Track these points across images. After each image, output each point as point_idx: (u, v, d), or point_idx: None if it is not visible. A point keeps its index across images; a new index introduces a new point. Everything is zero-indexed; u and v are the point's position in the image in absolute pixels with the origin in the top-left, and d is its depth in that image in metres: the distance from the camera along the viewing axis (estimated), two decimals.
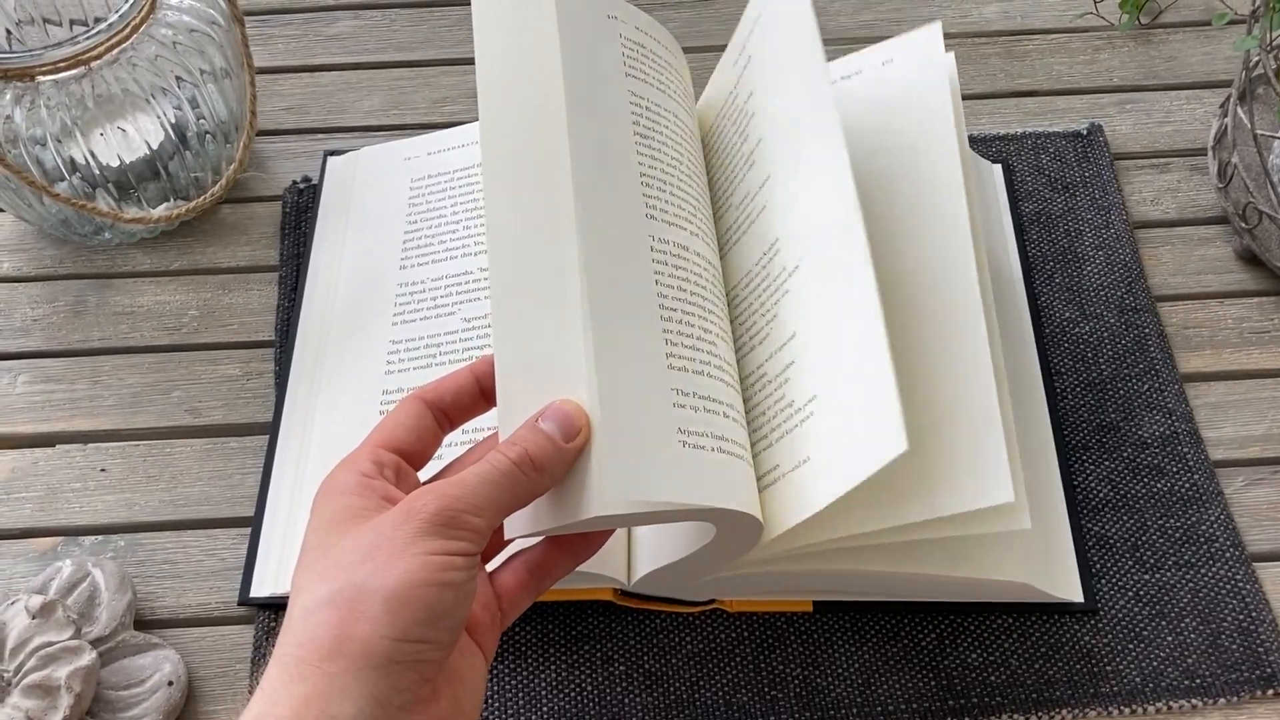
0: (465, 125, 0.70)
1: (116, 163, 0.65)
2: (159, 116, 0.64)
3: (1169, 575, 0.56)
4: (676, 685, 0.54)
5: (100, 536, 0.59)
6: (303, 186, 0.71)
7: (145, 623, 0.57)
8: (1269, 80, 0.62)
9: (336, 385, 0.61)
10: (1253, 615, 0.55)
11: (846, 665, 0.54)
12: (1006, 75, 0.76)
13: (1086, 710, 0.53)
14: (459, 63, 0.77)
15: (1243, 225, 0.65)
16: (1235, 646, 0.54)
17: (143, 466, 0.61)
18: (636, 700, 0.54)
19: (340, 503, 0.40)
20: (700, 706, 0.53)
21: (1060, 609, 0.55)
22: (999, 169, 0.69)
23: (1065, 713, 0.53)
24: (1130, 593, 0.56)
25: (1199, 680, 0.53)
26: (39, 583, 0.55)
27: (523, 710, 0.53)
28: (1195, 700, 0.53)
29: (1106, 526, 0.58)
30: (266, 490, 0.59)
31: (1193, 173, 0.71)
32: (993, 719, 0.53)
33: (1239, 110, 0.64)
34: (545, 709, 0.54)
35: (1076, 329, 0.64)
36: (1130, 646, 0.54)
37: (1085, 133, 0.72)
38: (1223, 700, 0.53)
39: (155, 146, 0.66)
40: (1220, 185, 0.67)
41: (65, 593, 0.55)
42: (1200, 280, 0.67)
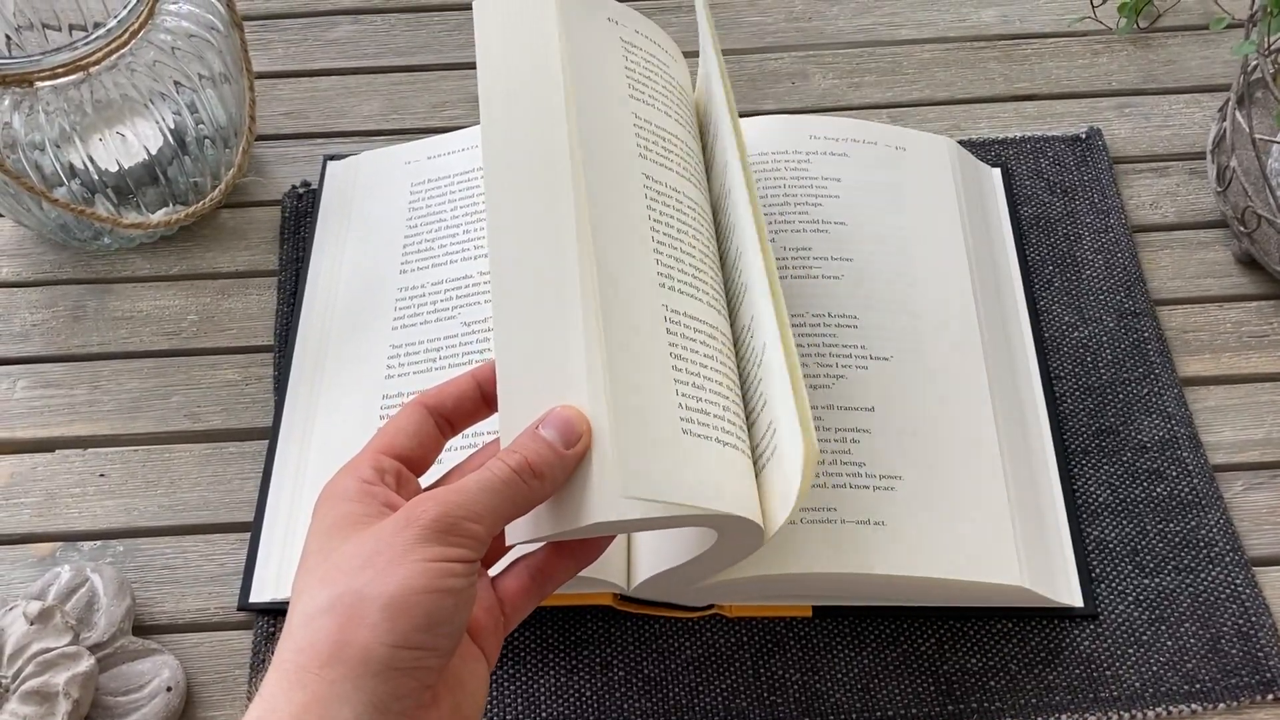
0: (465, 129, 0.70)
1: (115, 168, 0.65)
2: (158, 122, 0.64)
3: (1169, 580, 0.56)
4: (676, 690, 0.54)
5: (99, 542, 0.59)
6: (302, 191, 0.71)
7: (144, 628, 0.56)
8: (1267, 84, 0.62)
9: (337, 389, 0.61)
10: (1252, 620, 0.55)
11: (846, 670, 0.54)
12: (1005, 79, 0.76)
13: (1086, 715, 0.53)
14: (458, 67, 0.77)
15: (1241, 229, 0.65)
16: (1235, 651, 0.54)
17: (142, 472, 0.61)
18: (636, 705, 0.54)
19: (341, 509, 0.40)
20: (699, 712, 0.53)
21: (1060, 614, 0.55)
22: (998, 173, 0.69)
23: (1065, 718, 0.53)
24: (1130, 597, 0.56)
25: (1199, 685, 0.53)
26: (37, 588, 0.55)
27: (522, 715, 0.53)
28: (1195, 705, 0.53)
29: (1106, 531, 0.58)
30: (266, 495, 0.59)
31: (1191, 176, 0.71)
32: None
33: (1237, 114, 0.64)
34: (544, 714, 0.53)
35: (1075, 333, 0.64)
36: (1130, 651, 0.54)
37: (1084, 137, 0.72)
38: (1222, 705, 0.53)
39: (154, 152, 0.66)
40: (1219, 189, 0.67)
41: (64, 598, 0.54)
42: (1199, 284, 0.67)
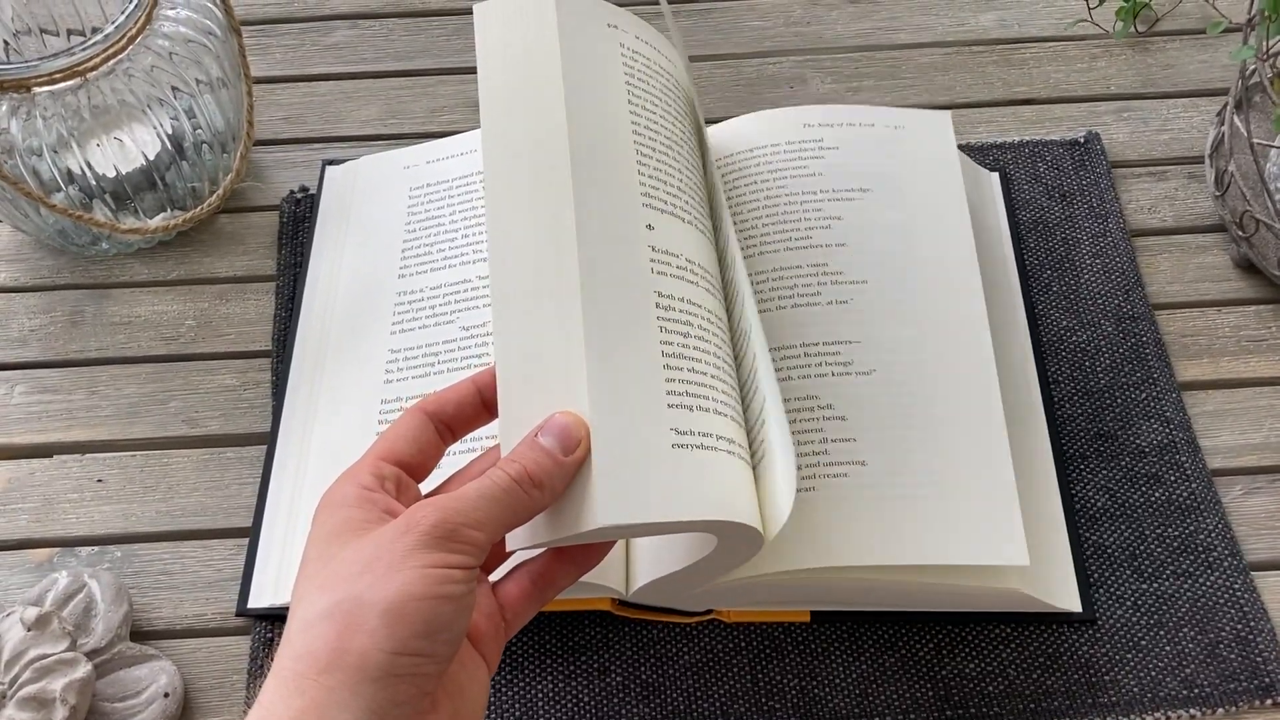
0: (463, 134, 0.70)
1: (113, 173, 0.65)
2: (156, 127, 0.64)
3: (1167, 585, 0.56)
4: (674, 696, 0.54)
5: (97, 547, 0.59)
6: (300, 196, 0.71)
7: (141, 634, 0.56)
8: (1265, 89, 0.62)
9: (335, 394, 0.61)
10: (1251, 625, 0.55)
11: (844, 675, 0.54)
12: (1003, 83, 0.76)
13: None
14: (456, 72, 0.77)
15: (1240, 233, 0.65)
16: (1233, 656, 0.54)
17: (139, 477, 0.61)
18: (633, 711, 0.53)
19: (341, 515, 0.40)
20: (697, 717, 0.53)
21: (1058, 619, 0.55)
22: (996, 177, 0.69)
23: None
24: (1128, 602, 0.56)
25: (1197, 690, 0.53)
26: (35, 594, 0.55)
27: None
28: (1194, 710, 0.53)
29: (1104, 536, 0.57)
30: (264, 500, 0.59)
31: (1190, 181, 0.71)
32: None
33: (1235, 119, 0.64)
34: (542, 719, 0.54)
35: (1074, 337, 0.64)
36: (1128, 656, 0.54)
37: (1082, 141, 0.72)
38: (1221, 710, 0.53)
39: (152, 157, 0.66)
40: (1217, 193, 0.67)
41: (61, 604, 0.54)
42: (1197, 288, 0.67)
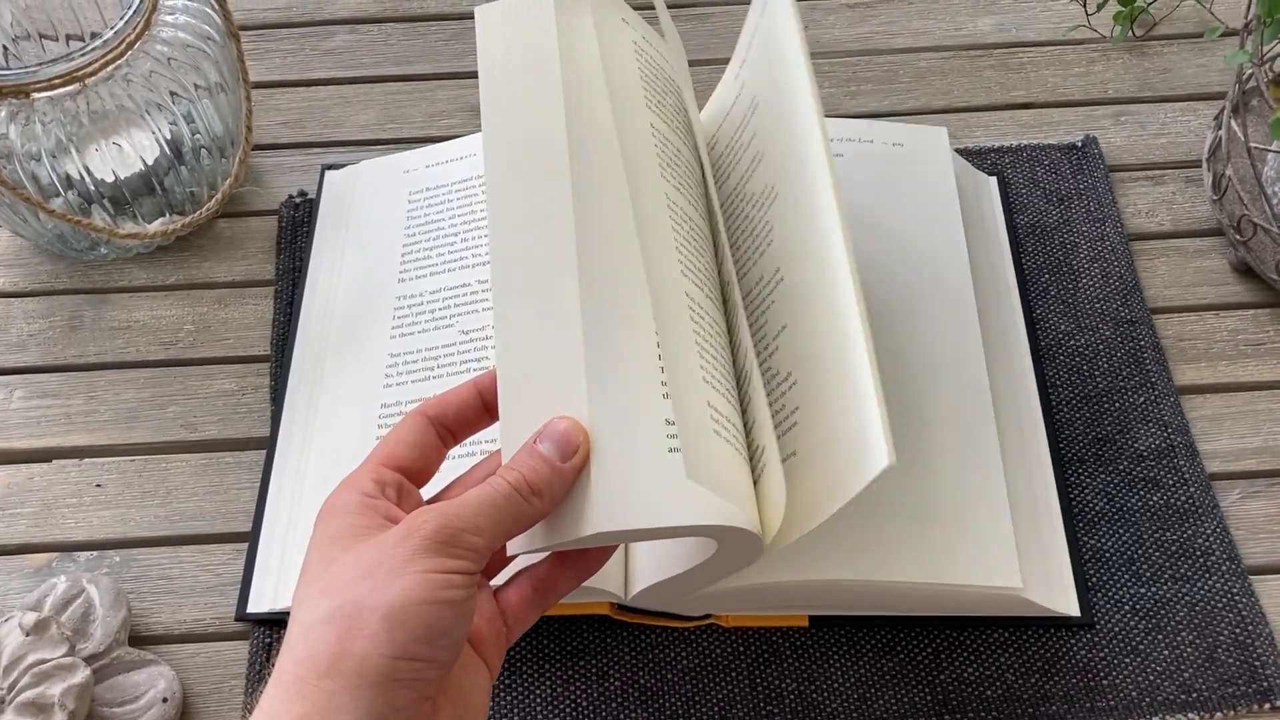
0: (463, 138, 0.70)
1: (112, 178, 0.65)
2: (154, 132, 0.64)
3: (1165, 589, 0.56)
4: (672, 701, 0.54)
5: (95, 552, 0.59)
6: (299, 201, 0.71)
7: (140, 639, 0.56)
8: (1262, 93, 0.62)
9: (335, 398, 0.61)
10: (1249, 629, 0.55)
11: (842, 680, 0.54)
12: (1001, 87, 0.76)
13: None
14: (455, 76, 0.78)
15: (1237, 237, 0.65)
16: (1232, 660, 0.54)
17: (138, 482, 0.61)
18: (632, 716, 0.53)
19: (343, 521, 0.40)
20: None
21: (1056, 623, 0.55)
22: (994, 181, 0.69)
23: None
24: (1126, 606, 0.56)
25: (1195, 694, 0.53)
26: (33, 599, 0.55)
27: None
28: (1192, 714, 0.53)
29: (1103, 540, 0.58)
30: (264, 505, 0.59)
31: (1187, 185, 0.71)
32: None
33: (1233, 123, 0.64)
34: None
35: (1072, 341, 0.64)
36: (1127, 661, 0.54)
37: (1080, 145, 0.72)
38: (1219, 715, 0.53)
39: (151, 162, 0.66)
40: (1215, 197, 0.67)
41: (60, 609, 0.54)
42: (1195, 292, 0.67)
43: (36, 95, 0.60)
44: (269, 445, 0.61)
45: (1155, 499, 0.59)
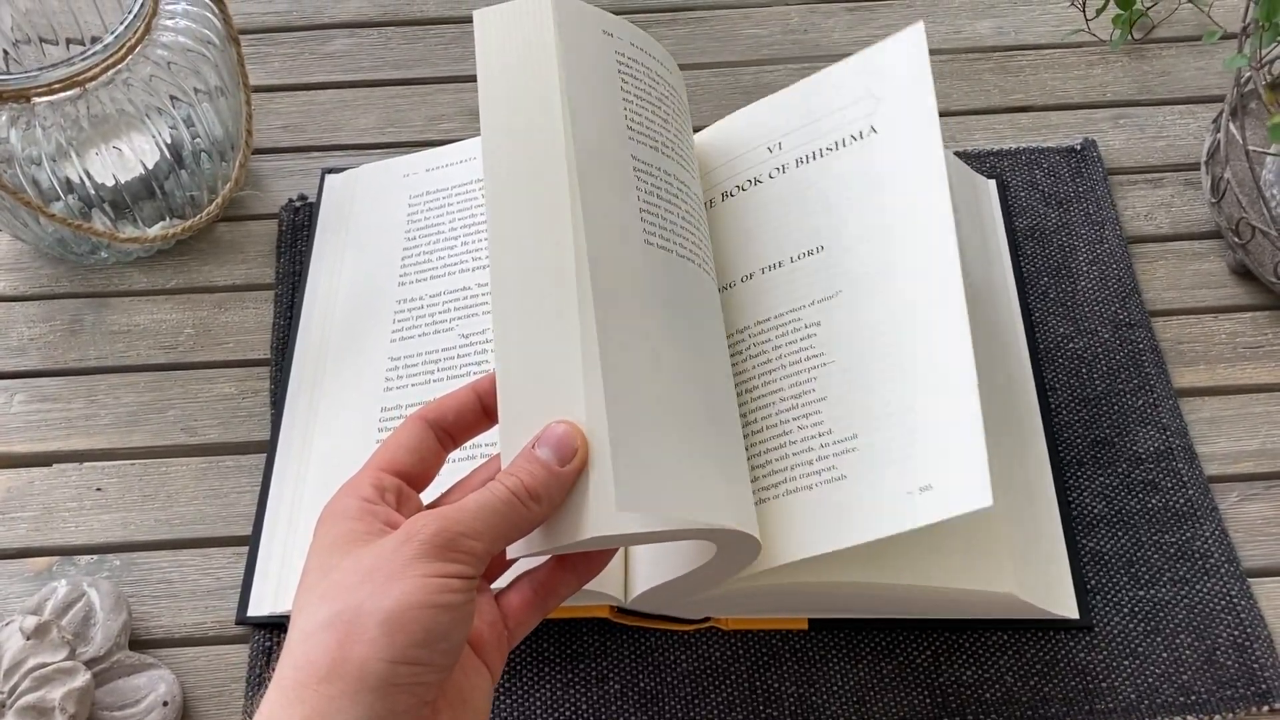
0: (463, 141, 0.70)
1: (112, 182, 0.65)
2: (154, 136, 0.64)
3: (1164, 591, 0.56)
4: (672, 704, 0.54)
5: (96, 556, 0.59)
6: (299, 205, 0.71)
7: (140, 643, 0.57)
8: (1260, 96, 0.62)
9: (336, 402, 0.61)
10: (1248, 631, 0.55)
11: (841, 683, 0.54)
12: (1000, 91, 0.76)
13: None
14: (454, 80, 0.78)
15: (1236, 240, 0.65)
16: (1230, 663, 0.54)
17: (138, 485, 0.61)
18: (631, 719, 0.54)
19: (342, 527, 0.40)
20: None
21: (1055, 625, 0.55)
22: (993, 184, 0.70)
23: None
24: (1125, 609, 0.56)
25: (1194, 697, 0.53)
26: (34, 603, 0.55)
27: None
28: (1190, 717, 0.53)
29: (1101, 542, 0.58)
30: (264, 508, 0.59)
31: (1186, 187, 0.71)
32: None
33: (1231, 126, 0.64)
34: None
35: (1071, 344, 0.64)
36: (1125, 663, 0.54)
37: (1079, 148, 0.72)
38: (1218, 717, 0.53)
39: (151, 166, 0.66)
40: (1213, 200, 0.67)
41: (60, 613, 0.55)
42: (1194, 295, 0.67)
43: (37, 100, 0.60)
44: (269, 449, 0.61)
45: (1154, 501, 0.59)
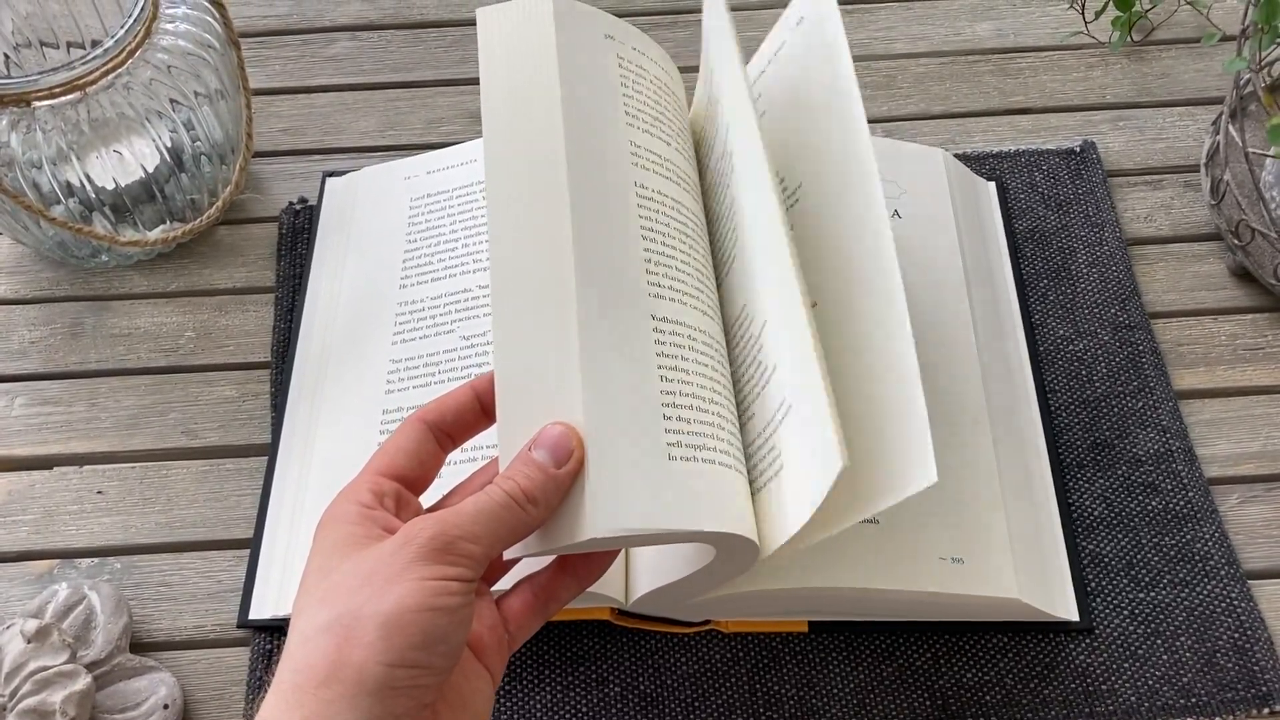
0: (464, 144, 0.70)
1: (113, 186, 0.65)
2: (155, 140, 0.64)
3: (1164, 593, 0.56)
4: (672, 707, 0.54)
5: (96, 559, 0.59)
6: (299, 208, 0.71)
7: (141, 645, 0.57)
8: (1259, 98, 0.62)
9: (337, 405, 0.61)
10: (1248, 633, 0.55)
11: (841, 686, 0.54)
12: (1000, 93, 0.76)
13: None
14: (454, 83, 0.78)
15: (1235, 242, 0.65)
16: (1230, 665, 0.54)
17: (139, 488, 0.61)
18: None
19: (341, 531, 0.40)
20: None
21: (1055, 628, 0.55)
22: (993, 187, 0.70)
23: None
24: (1125, 611, 0.56)
25: (1194, 699, 0.53)
26: (35, 606, 0.55)
27: None
28: (1191, 719, 0.53)
29: (1101, 545, 0.58)
30: (265, 512, 0.59)
31: (1186, 189, 0.71)
32: None
33: (1230, 128, 0.64)
34: None
35: (1071, 346, 0.64)
36: (1126, 665, 0.54)
37: (1079, 150, 0.72)
38: (1218, 719, 0.53)
39: (151, 169, 0.66)
40: (1213, 202, 0.67)
41: (61, 616, 0.55)
42: (1194, 297, 0.67)
43: (38, 103, 0.60)
44: (270, 452, 0.61)
45: (1154, 504, 0.59)
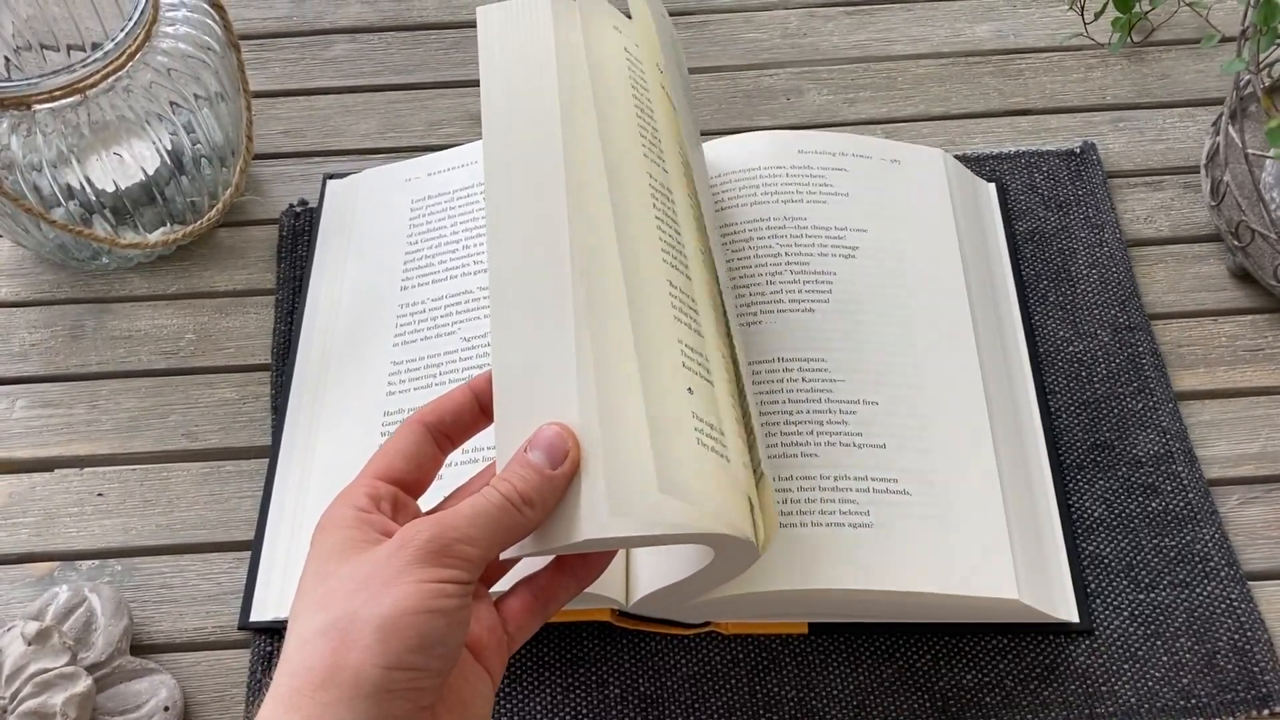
0: (464, 146, 0.70)
1: (113, 188, 0.66)
2: (155, 142, 0.64)
3: (1164, 595, 0.56)
4: (672, 708, 0.54)
5: (97, 561, 0.59)
6: (299, 210, 0.71)
7: (142, 648, 0.57)
8: (1259, 99, 0.62)
9: (338, 407, 0.61)
10: (1248, 635, 0.55)
11: (841, 687, 0.54)
12: (1000, 94, 0.76)
13: None
14: (455, 85, 0.78)
15: (1235, 243, 0.65)
16: (1231, 666, 0.54)
17: (140, 491, 0.62)
18: None
19: (338, 535, 0.40)
20: None
21: (1056, 629, 0.55)
22: (993, 188, 0.70)
23: None
24: (1125, 612, 0.56)
25: (1194, 700, 0.53)
26: (35, 608, 0.55)
27: None
28: None
29: (1101, 546, 0.58)
30: (266, 514, 0.59)
31: (1186, 190, 0.71)
32: None
33: (1230, 129, 0.64)
34: None
35: (1070, 348, 0.64)
36: (1126, 667, 0.54)
37: (1079, 151, 0.72)
38: None
39: (151, 172, 0.66)
40: (1213, 203, 0.67)
41: (61, 618, 0.55)
42: (1194, 298, 0.67)
43: (38, 106, 0.60)
44: (271, 454, 0.61)
45: (1154, 505, 0.59)
